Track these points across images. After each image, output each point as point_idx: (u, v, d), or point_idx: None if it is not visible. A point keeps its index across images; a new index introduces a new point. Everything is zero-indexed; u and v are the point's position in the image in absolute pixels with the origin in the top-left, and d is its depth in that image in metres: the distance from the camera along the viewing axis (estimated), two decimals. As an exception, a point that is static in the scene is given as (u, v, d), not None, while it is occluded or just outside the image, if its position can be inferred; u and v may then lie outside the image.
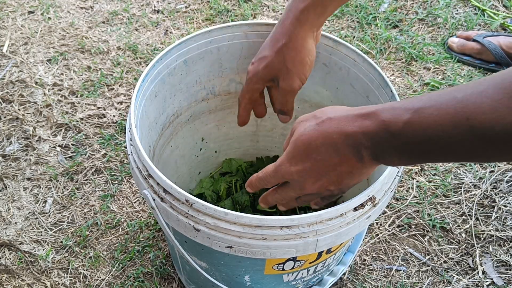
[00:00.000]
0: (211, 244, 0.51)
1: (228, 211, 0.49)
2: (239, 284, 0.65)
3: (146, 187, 0.53)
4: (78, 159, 1.00)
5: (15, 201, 0.93)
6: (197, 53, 0.70)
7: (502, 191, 0.96)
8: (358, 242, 0.78)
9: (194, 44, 0.68)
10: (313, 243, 0.51)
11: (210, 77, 0.75)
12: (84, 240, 0.88)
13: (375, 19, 1.30)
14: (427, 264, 0.86)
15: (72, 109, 1.09)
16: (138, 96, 0.60)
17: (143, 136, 0.63)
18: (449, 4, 1.34)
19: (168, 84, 0.69)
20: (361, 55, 0.65)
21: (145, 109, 0.64)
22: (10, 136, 1.04)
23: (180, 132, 0.78)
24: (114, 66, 1.18)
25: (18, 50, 1.21)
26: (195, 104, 0.77)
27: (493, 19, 1.29)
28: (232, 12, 1.32)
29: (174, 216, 0.51)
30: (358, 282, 0.83)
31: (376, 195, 0.53)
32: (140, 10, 1.34)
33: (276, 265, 0.59)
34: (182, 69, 0.70)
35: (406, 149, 0.40)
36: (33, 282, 0.83)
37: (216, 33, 0.69)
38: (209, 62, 0.72)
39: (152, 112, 0.67)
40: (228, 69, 0.75)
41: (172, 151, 0.78)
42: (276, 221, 0.48)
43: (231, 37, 0.71)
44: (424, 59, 1.20)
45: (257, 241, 0.49)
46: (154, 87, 0.66)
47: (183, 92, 0.73)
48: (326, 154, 0.45)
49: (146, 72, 0.62)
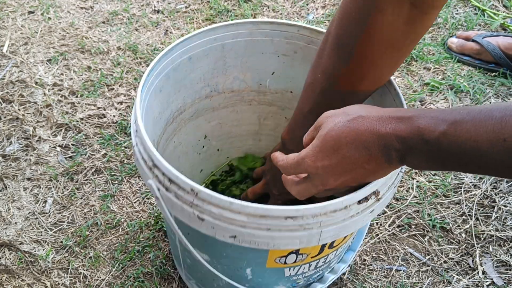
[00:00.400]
0: (215, 234, 0.51)
1: (233, 200, 0.49)
2: (241, 277, 0.65)
3: (151, 177, 0.54)
4: (78, 159, 1.00)
5: (15, 201, 0.93)
6: (202, 50, 0.70)
7: (502, 191, 0.96)
8: (359, 241, 0.78)
9: (198, 41, 0.69)
10: (317, 235, 0.51)
11: (214, 74, 0.75)
12: (84, 240, 0.88)
13: (375, 19, 1.30)
14: (427, 264, 0.86)
15: (72, 109, 1.09)
16: (144, 89, 0.61)
17: (147, 130, 0.63)
18: (449, 4, 1.35)
19: (173, 79, 0.69)
20: None
21: (150, 103, 0.64)
22: (10, 136, 1.04)
23: (183, 128, 0.78)
24: (114, 66, 1.18)
25: (18, 50, 1.21)
26: (198, 101, 0.77)
27: (493, 19, 1.29)
28: (232, 12, 1.32)
29: (178, 206, 0.52)
30: (358, 282, 0.84)
31: (380, 189, 0.53)
32: (140, 10, 1.34)
33: (278, 258, 0.59)
34: (186, 65, 0.70)
35: (438, 158, 0.41)
36: (33, 282, 0.83)
37: (221, 31, 0.70)
38: (213, 59, 0.73)
39: (157, 106, 0.68)
40: (232, 66, 0.75)
41: (175, 147, 0.79)
42: (281, 211, 0.48)
43: (235, 35, 0.71)
44: (424, 59, 1.20)
45: (261, 231, 0.49)
46: (159, 82, 0.66)
47: (187, 88, 0.74)
48: (356, 151, 0.45)
49: (152, 66, 0.63)
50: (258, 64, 0.76)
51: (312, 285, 0.73)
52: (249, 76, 0.78)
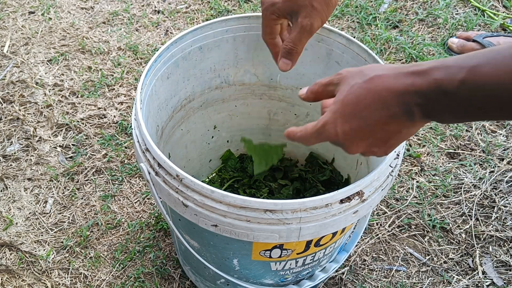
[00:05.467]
0: (198, 221, 0.52)
1: (215, 189, 0.49)
2: (228, 268, 0.66)
3: (143, 161, 0.55)
4: (78, 159, 1.00)
5: (15, 201, 0.94)
6: (213, 41, 0.70)
7: (502, 191, 0.96)
8: (353, 242, 0.78)
9: (210, 32, 0.69)
10: (296, 231, 0.51)
11: (225, 65, 0.75)
12: (85, 240, 0.88)
13: (375, 20, 1.30)
14: (427, 264, 0.87)
15: (73, 109, 1.09)
16: (148, 75, 0.61)
17: (150, 114, 0.64)
18: (449, 4, 1.35)
19: (182, 68, 0.69)
20: (372, 55, 0.65)
21: (156, 89, 0.64)
22: (10, 137, 1.04)
23: (192, 117, 0.79)
24: (114, 66, 1.18)
25: (19, 50, 1.21)
26: (208, 91, 0.77)
27: (493, 20, 1.29)
28: (232, 12, 1.32)
29: (165, 191, 0.53)
30: (358, 282, 0.84)
31: (364, 190, 0.52)
32: (140, 10, 1.34)
33: (263, 251, 0.60)
34: (197, 54, 0.70)
35: (460, 107, 0.40)
36: (34, 282, 0.83)
37: (233, 23, 0.69)
38: (224, 51, 0.73)
39: (163, 93, 0.68)
40: (244, 59, 0.75)
41: (182, 134, 0.79)
42: (260, 203, 0.49)
43: (248, 28, 0.70)
44: (424, 59, 1.20)
45: (241, 222, 0.50)
46: (167, 69, 0.66)
47: (197, 77, 0.74)
48: (376, 112, 0.44)
49: (159, 53, 0.63)
50: (269, 59, 0.75)
51: (301, 281, 0.73)
52: (260, 70, 0.78)
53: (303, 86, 0.78)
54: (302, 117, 0.83)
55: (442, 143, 1.04)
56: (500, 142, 1.04)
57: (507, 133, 1.06)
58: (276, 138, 0.90)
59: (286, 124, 0.86)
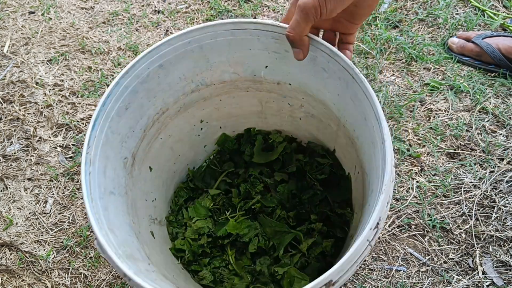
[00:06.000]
0: None
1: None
2: None
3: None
4: (78, 159, 1.00)
5: (15, 201, 0.94)
6: (175, 55, 0.68)
7: (502, 191, 0.96)
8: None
9: (168, 48, 0.67)
10: None
11: (196, 71, 0.73)
12: (85, 240, 0.88)
13: (375, 20, 1.30)
14: (427, 264, 0.87)
15: (73, 109, 1.09)
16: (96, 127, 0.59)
17: (109, 161, 0.62)
18: (449, 4, 1.35)
19: (143, 91, 0.68)
20: (358, 75, 0.58)
21: (112, 129, 0.63)
22: (10, 136, 1.04)
23: (170, 123, 0.78)
24: (114, 66, 1.18)
25: (19, 50, 1.21)
26: (184, 97, 0.76)
27: (493, 20, 1.29)
28: (232, 12, 1.32)
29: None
30: (358, 282, 0.84)
31: (335, 279, 0.47)
32: (140, 10, 1.34)
33: None
34: (158, 73, 0.68)
35: None
36: (34, 282, 0.83)
37: (195, 33, 0.67)
38: (192, 60, 0.71)
39: (125, 125, 0.66)
40: (217, 62, 0.73)
41: (164, 141, 0.79)
42: None
43: (214, 35, 0.68)
44: (424, 59, 1.20)
45: None
46: (123, 102, 0.64)
47: (165, 91, 0.72)
48: None
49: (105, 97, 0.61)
50: (247, 58, 0.73)
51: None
52: (240, 68, 0.75)
53: (291, 82, 0.76)
54: (297, 107, 0.81)
55: (442, 143, 1.04)
56: (500, 142, 1.04)
57: (507, 133, 1.06)
58: (273, 121, 0.88)
59: (281, 110, 0.84)
